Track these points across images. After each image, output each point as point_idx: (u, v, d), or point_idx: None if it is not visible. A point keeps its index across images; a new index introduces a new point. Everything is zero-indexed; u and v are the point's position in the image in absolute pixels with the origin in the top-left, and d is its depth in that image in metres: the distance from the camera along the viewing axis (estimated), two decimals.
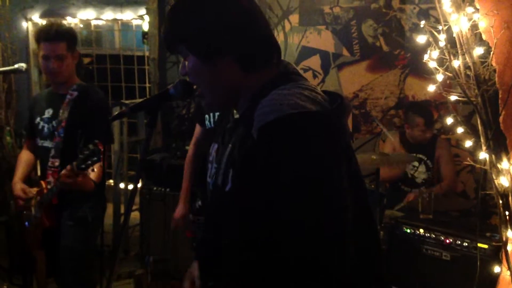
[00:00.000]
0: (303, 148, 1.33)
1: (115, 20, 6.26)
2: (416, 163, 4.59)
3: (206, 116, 3.27)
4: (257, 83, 1.52)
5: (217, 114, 3.15)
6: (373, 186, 4.04)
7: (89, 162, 2.89)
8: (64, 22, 6.32)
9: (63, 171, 3.01)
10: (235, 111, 1.63)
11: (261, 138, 1.37)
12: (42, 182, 3.30)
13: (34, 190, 3.35)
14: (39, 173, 3.61)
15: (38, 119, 3.39)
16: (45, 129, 3.35)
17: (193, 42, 1.51)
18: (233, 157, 1.49)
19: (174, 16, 1.56)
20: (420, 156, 4.56)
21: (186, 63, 1.56)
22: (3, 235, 4.78)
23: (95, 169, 3.10)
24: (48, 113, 3.36)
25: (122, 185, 5.51)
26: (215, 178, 1.60)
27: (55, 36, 3.19)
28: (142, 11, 5.91)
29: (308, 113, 1.36)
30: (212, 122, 3.24)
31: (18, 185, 3.38)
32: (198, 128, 3.47)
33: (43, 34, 3.22)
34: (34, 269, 3.89)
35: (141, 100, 1.70)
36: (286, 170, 1.32)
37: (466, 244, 3.37)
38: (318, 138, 1.36)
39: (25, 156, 3.56)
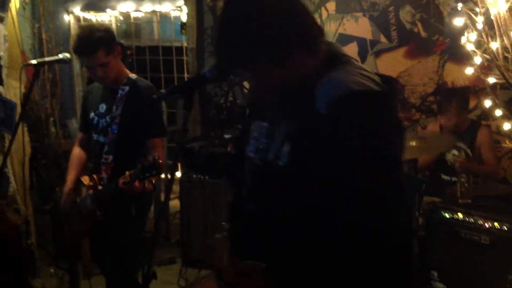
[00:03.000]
0: (372, 122, 1.45)
1: (153, 11, 6.35)
2: (455, 152, 4.51)
3: None
4: (313, 62, 1.57)
5: None
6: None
7: (147, 174, 2.87)
8: (104, 14, 6.47)
9: (121, 178, 3.00)
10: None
11: (333, 111, 1.45)
12: (95, 177, 3.30)
13: (86, 180, 3.36)
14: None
15: (92, 114, 3.40)
16: (99, 124, 3.35)
17: (260, 56, 1.52)
18: (291, 134, 1.56)
19: (228, 42, 1.56)
20: (460, 145, 4.48)
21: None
22: (49, 222, 4.92)
23: None
24: (102, 108, 3.36)
25: (162, 175, 5.55)
26: (265, 153, 1.65)
27: (89, 50, 3.10)
28: (180, 2, 5.99)
29: (373, 92, 1.47)
30: None
31: (68, 194, 3.40)
32: None
33: (77, 49, 3.15)
34: (80, 254, 4.00)
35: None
36: (356, 141, 1.43)
37: (506, 228, 3.34)
38: (382, 114, 1.49)
39: (77, 157, 3.53)
